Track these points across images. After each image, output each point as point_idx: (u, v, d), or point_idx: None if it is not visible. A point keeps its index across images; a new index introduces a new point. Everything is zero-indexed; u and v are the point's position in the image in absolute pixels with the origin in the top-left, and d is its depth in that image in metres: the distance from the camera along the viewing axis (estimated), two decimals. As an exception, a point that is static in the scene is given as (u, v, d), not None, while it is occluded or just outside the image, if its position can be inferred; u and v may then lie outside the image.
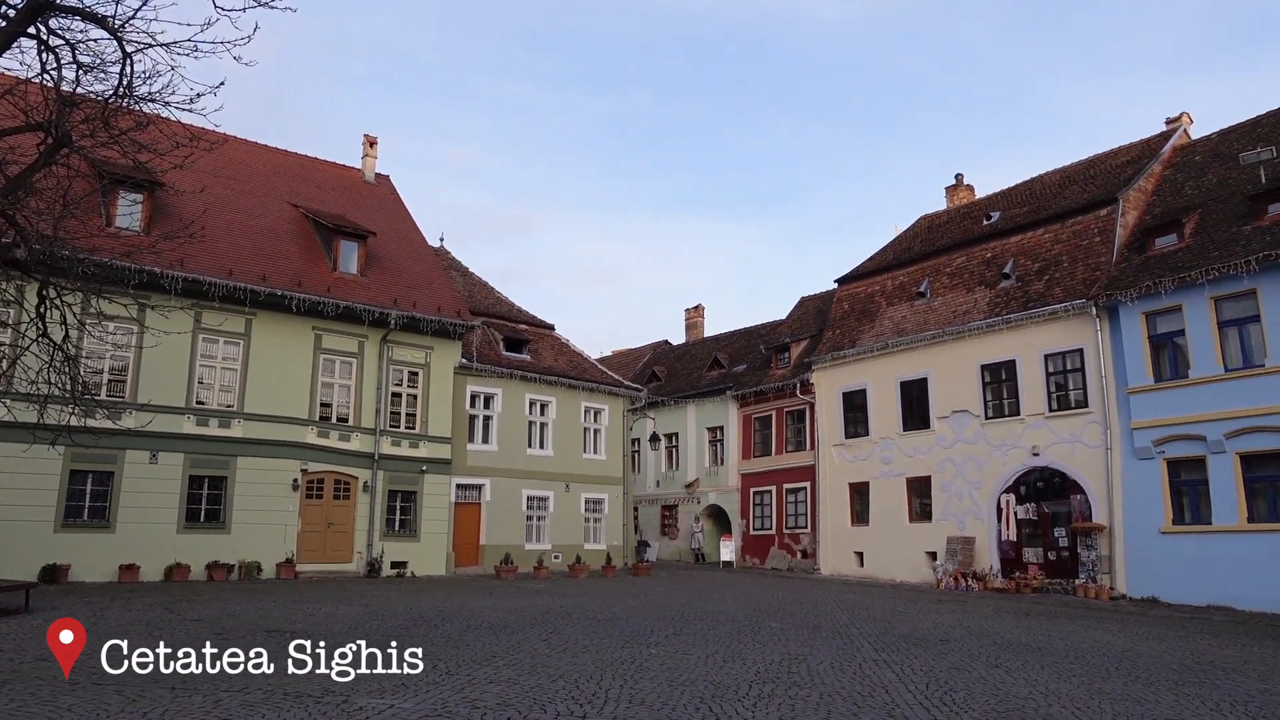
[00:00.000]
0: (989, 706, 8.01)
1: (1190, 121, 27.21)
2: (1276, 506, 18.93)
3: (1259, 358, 19.23)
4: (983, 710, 7.86)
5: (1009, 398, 24.70)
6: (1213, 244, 20.69)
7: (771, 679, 8.93)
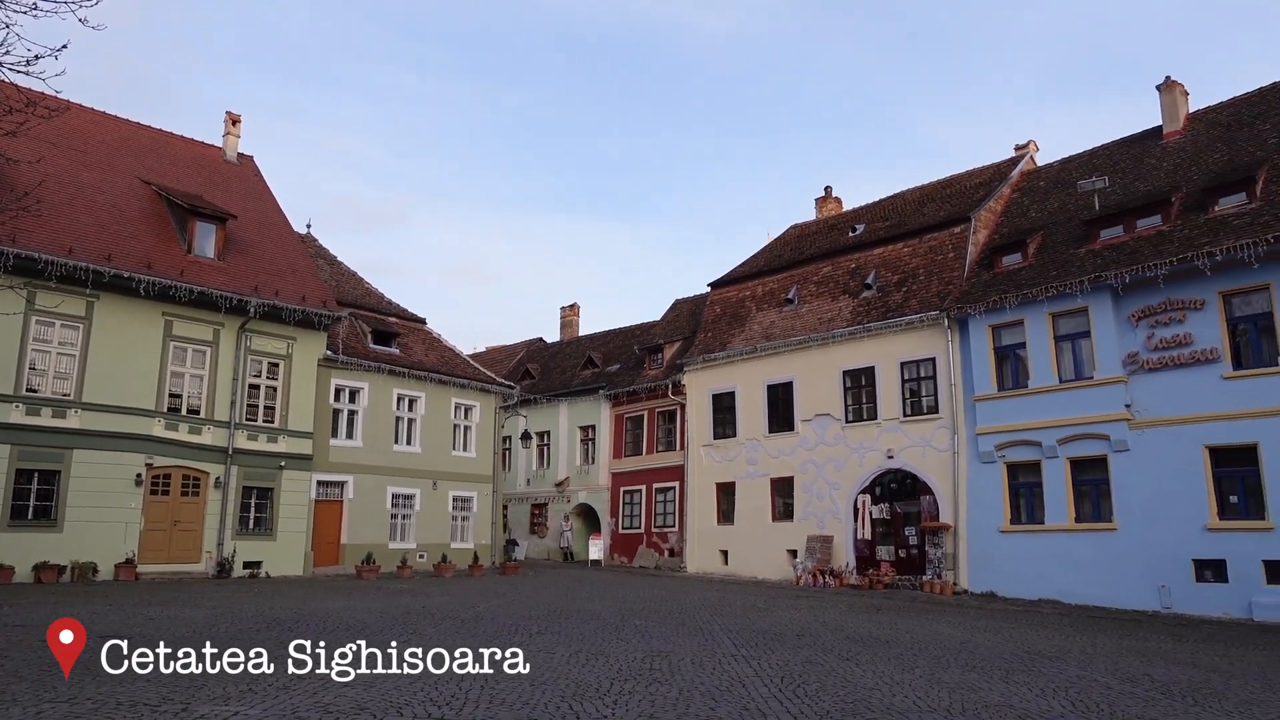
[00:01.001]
0: (839, 698, 8.36)
1: (1037, 149, 29.25)
2: (1099, 508, 20.60)
3: (1088, 370, 20.86)
4: (833, 701, 8.20)
5: (868, 402, 25.87)
6: (1052, 264, 22.31)
7: (633, 676, 9.03)
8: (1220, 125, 23.17)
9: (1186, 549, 18.76)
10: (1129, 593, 19.29)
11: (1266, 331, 18.44)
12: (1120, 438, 20.05)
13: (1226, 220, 19.37)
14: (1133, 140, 25.60)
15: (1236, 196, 19.80)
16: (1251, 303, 18.75)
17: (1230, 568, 18.14)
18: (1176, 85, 24.46)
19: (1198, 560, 18.64)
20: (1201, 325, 19.14)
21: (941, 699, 8.48)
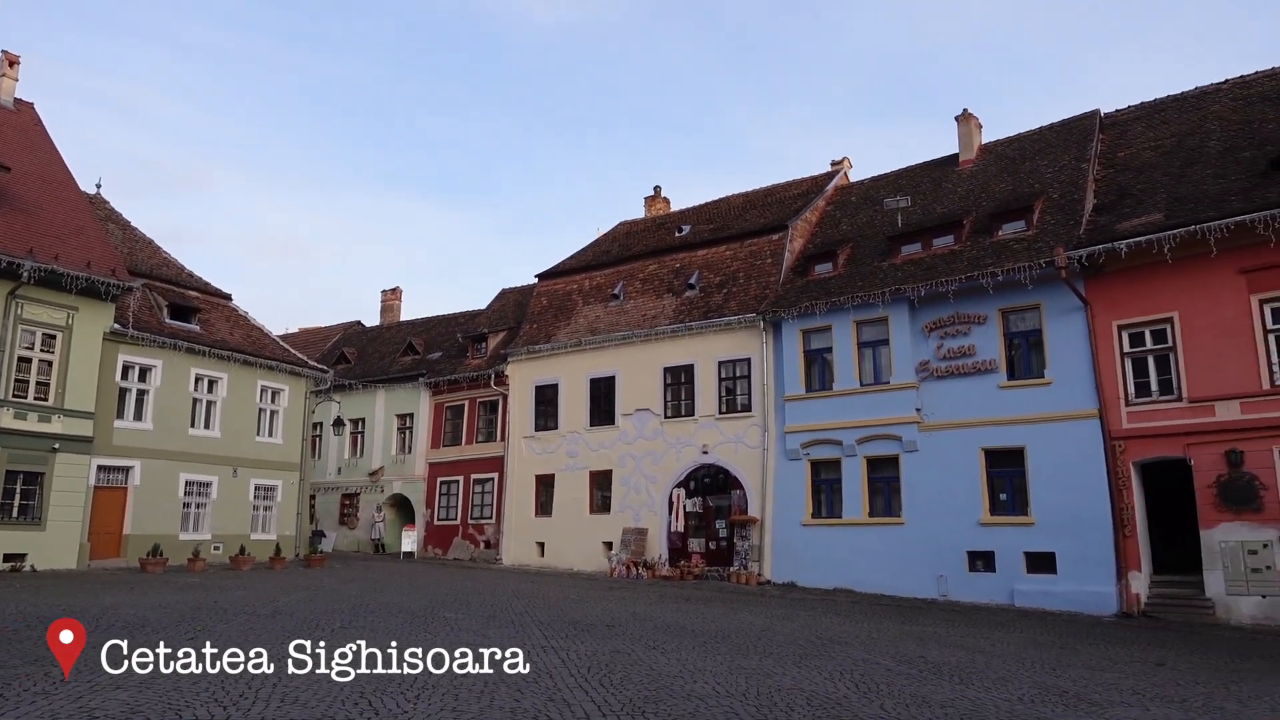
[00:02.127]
0: (642, 686, 8.56)
1: (850, 166, 31.13)
2: (890, 503, 22.22)
3: (886, 375, 22.45)
4: (637, 689, 8.39)
5: (686, 399, 26.63)
6: (859, 275, 23.82)
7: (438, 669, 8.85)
8: (1007, 158, 25.54)
9: (962, 541, 20.56)
10: (913, 582, 20.91)
11: (1036, 347, 20.51)
12: (911, 439, 21.71)
13: (1008, 244, 21.38)
14: (933, 165, 27.74)
15: (1017, 224, 21.89)
16: (1025, 320, 20.79)
17: (998, 558, 20.06)
18: (972, 118, 26.73)
19: (971, 552, 20.47)
20: (983, 338, 21.03)
21: (739, 684, 8.87)
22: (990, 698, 8.82)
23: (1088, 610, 18.18)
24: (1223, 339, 17.72)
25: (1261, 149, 19.32)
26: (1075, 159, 23.03)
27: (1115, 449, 18.79)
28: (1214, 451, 17.53)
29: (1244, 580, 16.97)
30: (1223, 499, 17.35)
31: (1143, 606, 17.96)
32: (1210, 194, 18.88)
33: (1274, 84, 21.58)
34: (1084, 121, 24.60)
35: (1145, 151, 22.10)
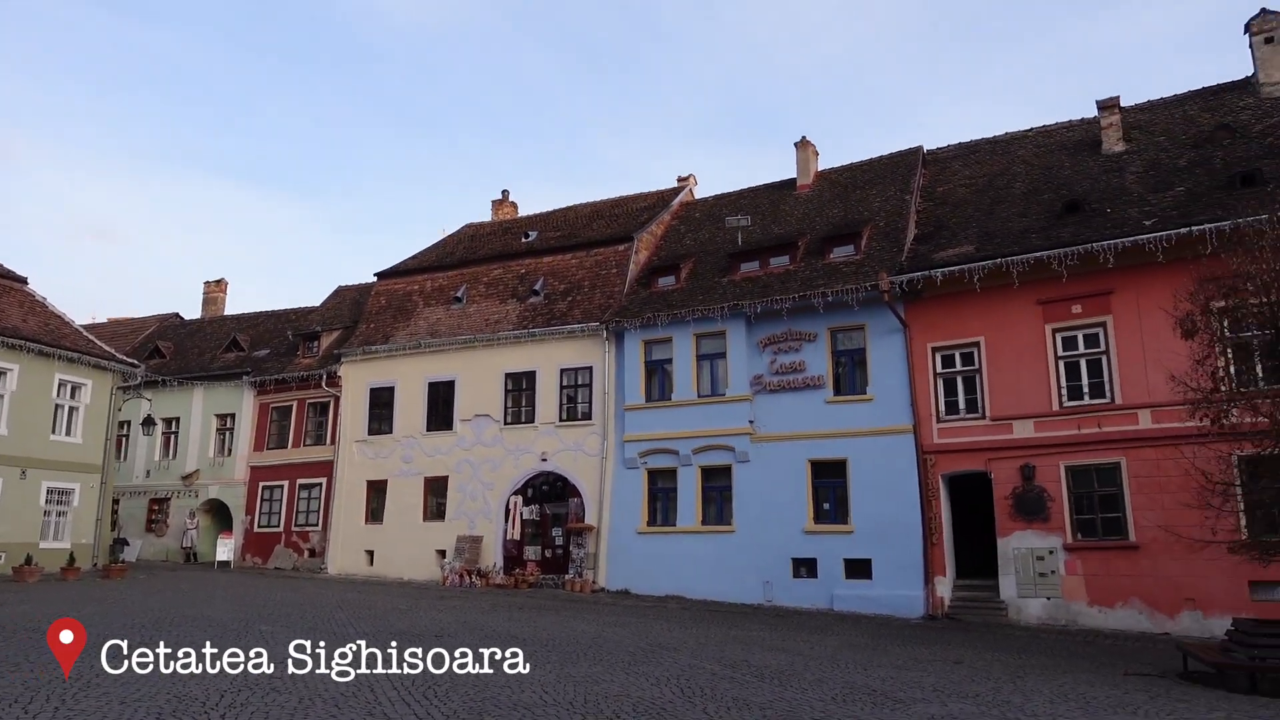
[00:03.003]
0: (468, 697, 8.40)
1: (696, 182, 31.97)
2: (722, 512, 22.89)
3: (722, 388, 23.15)
4: (462, 700, 8.22)
5: (526, 406, 26.45)
6: (700, 289, 24.48)
7: (249, 685, 8.35)
8: (840, 185, 27.00)
9: (788, 549, 21.45)
10: (741, 588, 21.60)
11: (860, 365, 21.75)
12: (743, 449, 22.47)
13: (838, 267, 22.58)
14: (773, 187, 28.94)
15: (847, 248, 23.15)
16: (852, 339, 22.00)
17: (820, 565, 21.06)
18: (810, 145, 28.09)
19: (796, 559, 21.39)
20: (813, 355, 22.09)
21: (567, 692, 8.86)
22: (806, 698, 9.22)
23: (898, 613, 19.37)
24: (1021, 363, 19.40)
25: (1058, 193, 21.33)
26: (900, 190, 24.63)
27: (926, 462, 20.16)
28: (1011, 466, 19.14)
29: (1032, 584, 18.60)
30: (1017, 509, 18.95)
31: (946, 609, 19.33)
32: (1014, 231, 20.67)
33: (1071, 135, 23.89)
34: (909, 156, 26.36)
35: (961, 188, 23.93)
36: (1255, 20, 21.75)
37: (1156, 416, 17.40)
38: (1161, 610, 17.18)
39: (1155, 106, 23.20)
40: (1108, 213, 19.71)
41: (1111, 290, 18.60)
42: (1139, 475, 17.70)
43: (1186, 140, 21.17)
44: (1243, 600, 16.09)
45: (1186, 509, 14.25)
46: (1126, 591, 17.61)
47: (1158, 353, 16.43)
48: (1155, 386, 16.61)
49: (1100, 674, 12.13)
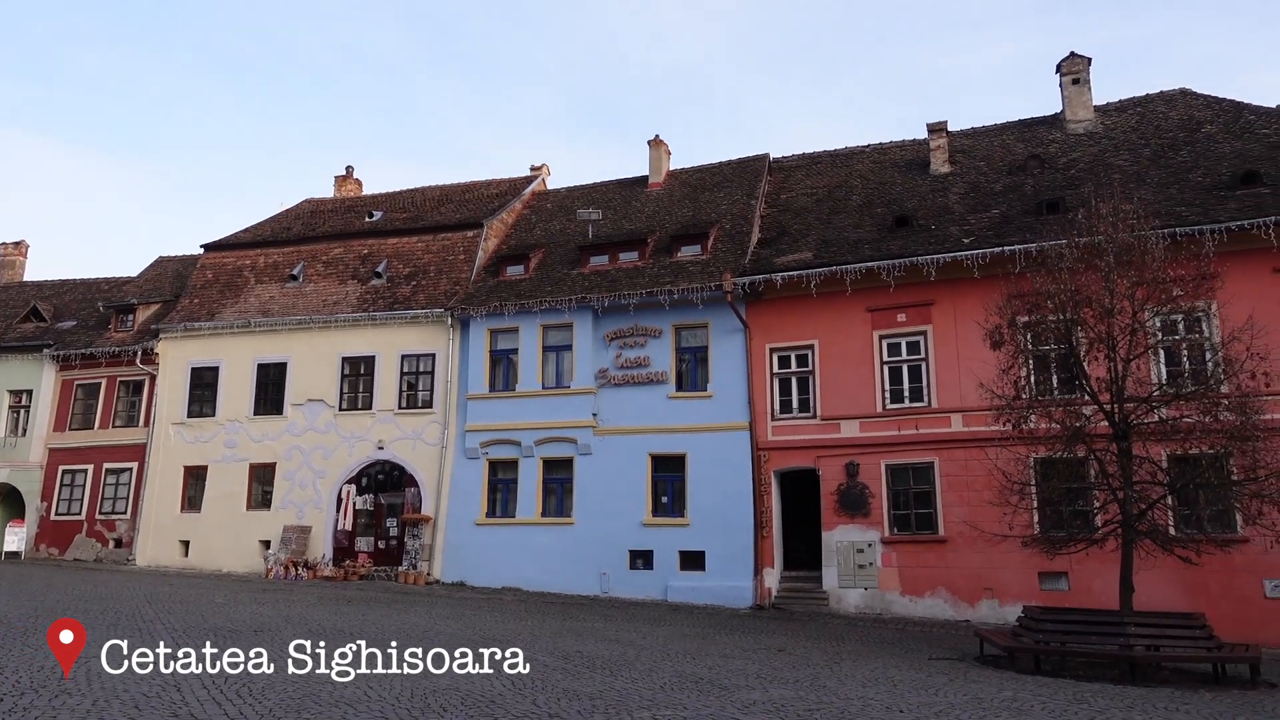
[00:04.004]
0: (286, 694, 8.02)
1: (549, 173, 31.79)
2: (563, 504, 22.93)
3: (567, 380, 23.18)
4: (279, 699, 7.84)
5: (364, 392, 25.51)
6: (548, 280, 24.39)
7: (35, 687, 7.64)
8: (690, 185, 27.58)
9: (626, 541, 21.75)
10: (579, 580, 21.72)
11: (702, 362, 22.32)
12: (586, 442, 22.59)
13: (685, 266, 23.06)
14: (625, 183, 29.21)
15: (694, 247, 23.68)
16: (695, 336, 22.55)
17: (656, 557, 21.48)
18: (663, 144, 28.54)
19: (633, 550, 21.72)
20: (658, 351, 22.47)
21: (394, 687, 8.62)
22: (636, 688, 9.39)
23: (728, 604, 20.06)
24: (850, 366, 20.49)
25: (890, 208, 22.65)
26: (746, 195, 25.44)
27: (760, 458, 20.95)
28: (837, 463, 20.20)
29: (852, 575, 19.70)
30: (841, 505, 20.02)
31: (773, 599, 20.18)
32: (849, 241, 21.79)
33: (904, 154, 25.41)
34: (756, 162, 27.26)
35: (802, 197, 24.99)
36: (1065, 61, 23.88)
37: (967, 420, 18.79)
38: (964, 599, 18.61)
39: (978, 133, 25.03)
40: (932, 229, 21.11)
41: (933, 301, 19.94)
42: (949, 474, 19.09)
43: (1003, 167, 22.98)
44: (1033, 589, 17.67)
45: (989, 506, 15.51)
46: (934, 582, 18.96)
47: (970, 361, 17.74)
48: (967, 392, 17.92)
49: (908, 659, 13.01)
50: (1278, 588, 16.45)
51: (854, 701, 9.34)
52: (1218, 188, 19.04)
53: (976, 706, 9.43)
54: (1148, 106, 23.26)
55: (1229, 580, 16.24)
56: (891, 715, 8.75)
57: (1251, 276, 16.94)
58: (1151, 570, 14.14)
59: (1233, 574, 16.19)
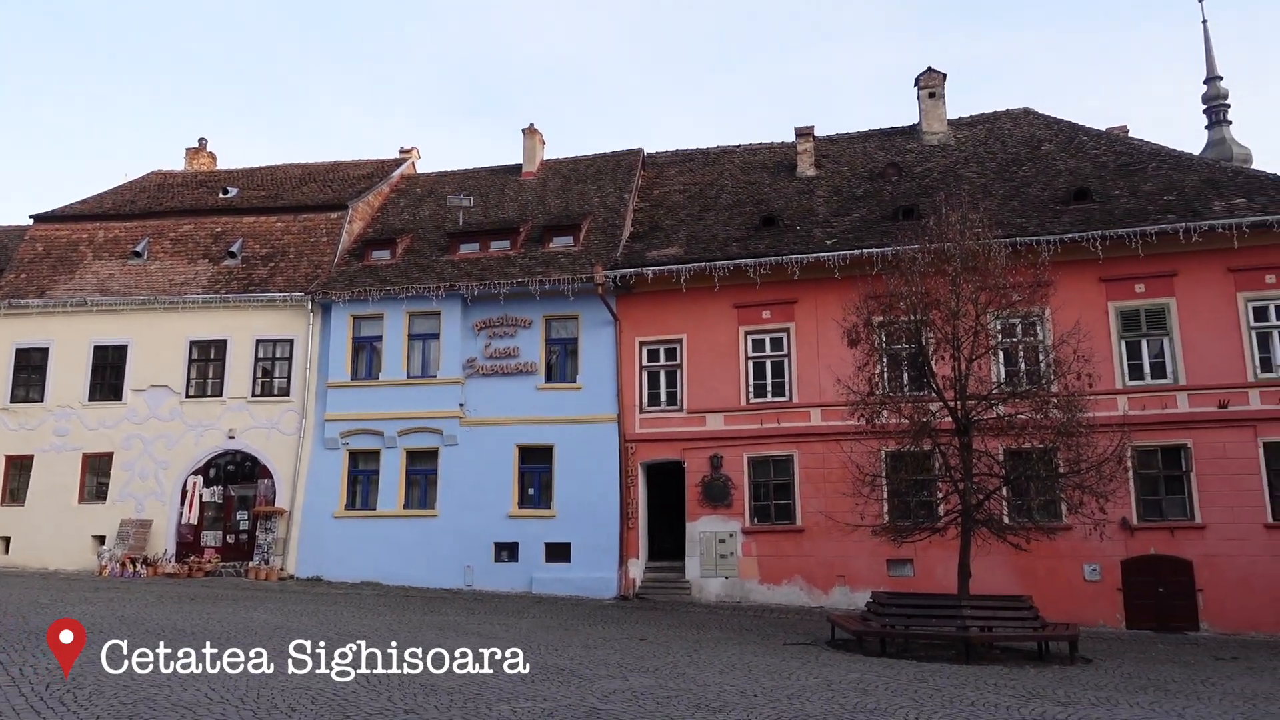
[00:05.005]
0: (116, 700, 7.51)
1: (419, 156, 30.93)
2: (426, 496, 22.44)
3: (433, 369, 22.67)
4: (108, 704, 7.33)
5: (214, 378, 24.13)
6: (416, 266, 23.76)
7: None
8: (564, 176, 27.46)
9: (491, 533, 21.50)
10: (442, 573, 21.31)
11: (572, 354, 22.30)
12: (452, 433, 22.17)
13: (556, 257, 22.96)
14: (499, 171, 28.79)
15: (566, 239, 23.61)
16: (566, 328, 22.50)
17: (521, 549, 21.33)
18: (537, 133, 28.29)
19: (498, 543, 21.50)
20: (527, 342, 22.30)
21: (239, 687, 8.22)
22: (496, 680, 9.29)
23: (593, 594, 20.16)
24: (717, 361, 20.95)
25: (758, 207, 23.26)
26: (620, 189, 25.56)
27: (628, 450, 21.16)
28: (702, 456, 20.62)
29: (714, 564, 20.18)
30: (705, 496, 20.47)
31: (637, 589, 20.43)
32: (718, 238, 22.26)
33: (773, 156, 26.14)
34: (630, 157, 27.42)
35: (674, 193, 25.33)
36: (923, 76, 25.16)
37: (825, 415, 19.56)
38: (818, 586, 19.38)
39: (842, 139, 26.04)
40: (797, 230, 21.84)
41: (796, 300, 20.64)
42: (807, 466, 19.82)
43: (864, 173, 24.01)
44: (882, 576, 18.61)
45: (843, 497, 16.23)
46: (791, 570, 19.66)
47: (829, 358, 18.46)
48: (825, 388, 18.63)
49: (764, 645, 13.45)
50: (1095, 571, 17.95)
51: (711, 688, 9.57)
52: (1054, 202, 20.53)
53: (826, 689, 9.84)
54: (995, 123, 24.82)
55: (1054, 565, 17.59)
56: (746, 700, 9.02)
57: (1080, 285, 18.40)
58: (988, 556, 15.14)
59: (1058, 559, 17.54)
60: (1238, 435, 17.90)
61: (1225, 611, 17.36)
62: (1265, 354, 18.26)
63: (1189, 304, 18.61)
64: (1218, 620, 17.36)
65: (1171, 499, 18.27)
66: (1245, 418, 17.94)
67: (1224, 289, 18.53)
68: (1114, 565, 17.92)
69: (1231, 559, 17.47)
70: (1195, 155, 23.73)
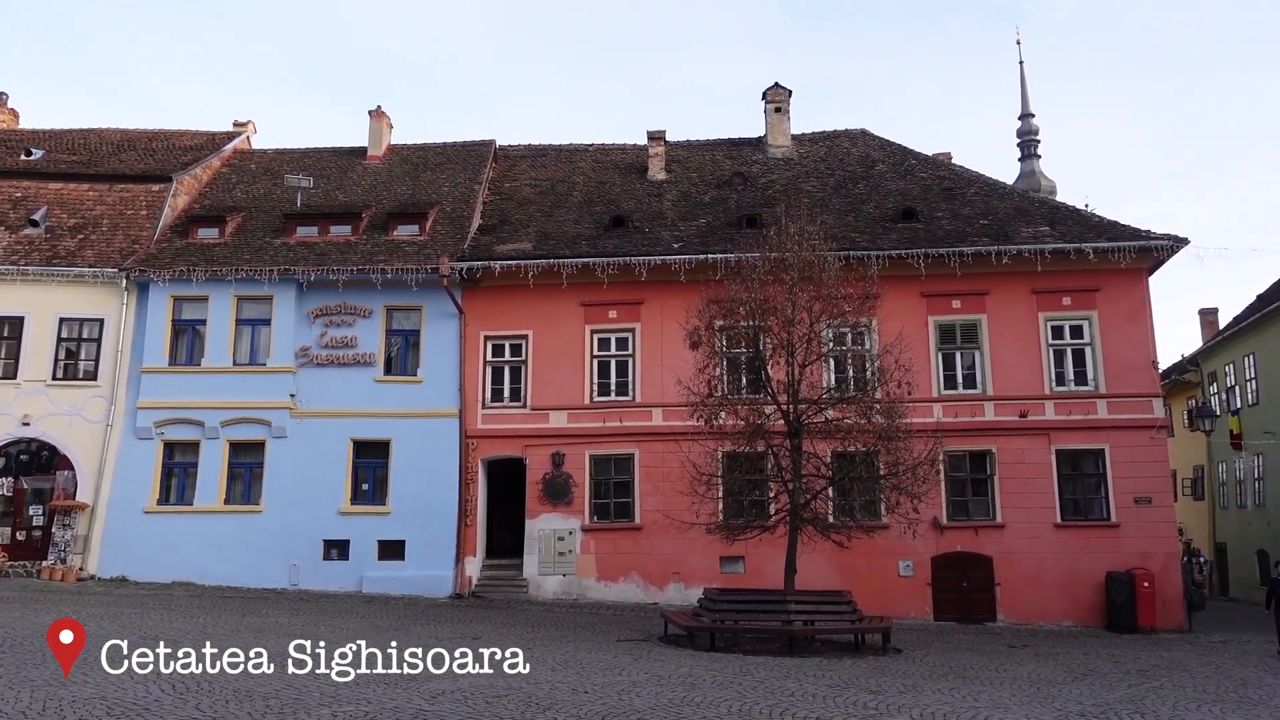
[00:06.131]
0: None
1: (255, 131, 29.17)
2: (251, 490, 21.21)
3: (263, 357, 21.44)
4: None
5: (8, 358, 21.83)
6: (247, 247, 22.41)
7: None
8: (411, 163, 26.64)
9: (320, 530, 20.57)
10: (266, 572, 20.18)
11: (414, 346, 21.69)
12: (281, 424, 21.05)
13: (401, 245, 22.25)
14: (342, 152, 27.57)
15: (412, 227, 22.90)
16: (408, 319, 21.84)
17: (353, 547, 20.53)
18: (385, 116, 27.31)
19: (328, 540, 20.59)
20: (366, 331, 21.48)
21: (23, 699, 7.52)
22: (317, 683, 8.91)
23: (427, 593, 19.70)
24: (562, 359, 20.94)
25: (609, 207, 23.42)
26: (470, 179, 25.07)
27: (469, 446, 20.80)
28: (544, 453, 20.56)
29: (552, 562, 20.16)
30: (545, 493, 20.41)
31: (473, 588, 20.12)
32: (568, 236, 22.25)
33: (625, 157, 26.37)
34: (482, 148, 26.94)
35: (526, 187, 25.12)
36: (770, 90, 26.09)
37: (666, 415, 19.92)
38: (654, 583, 19.73)
39: (693, 146, 26.61)
40: (646, 231, 22.15)
41: (642, 300, 20.93)
42: (648, 465, 20.14)
43: (712, 180, 24.64)
44: (715, 573, 19.16)
45: (680, 495, 16.61)
46: (629, 568, 19.92)
47: (672, 359, 18.80)
48: (667, 389, 18.96)
49: (598, 641, 13.57)
50: (909, 567, 19.21)
51: (543, 686, 9.55)
52: (884, 220, 21.79)
53: (656, 684, 10.03)
54: (835, 141, 26.08)
55: (873, 561, 18.67)
56: (577, 697, 9.06)
57: (904, 299, 19.64)
58: (813, 553, 15.89)
59: (876, 556, 18.63)
60: (1034, 443, 19.63)
61: (1019, 604, 18.99)
62: (1060, 369, 20.12)
63: (998, 321, 20.24)
64: (1012, 612, 18.97)
65: (977, 500, 19.82)
66: (1041, 427, 19.69)
67: (1028, 308, 20.28)
68: (925, 562, 19.23)
69: (1025, 555, 19.14)
70: (1008, 185, 25.82)
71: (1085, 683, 11.43)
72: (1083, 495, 19.73)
